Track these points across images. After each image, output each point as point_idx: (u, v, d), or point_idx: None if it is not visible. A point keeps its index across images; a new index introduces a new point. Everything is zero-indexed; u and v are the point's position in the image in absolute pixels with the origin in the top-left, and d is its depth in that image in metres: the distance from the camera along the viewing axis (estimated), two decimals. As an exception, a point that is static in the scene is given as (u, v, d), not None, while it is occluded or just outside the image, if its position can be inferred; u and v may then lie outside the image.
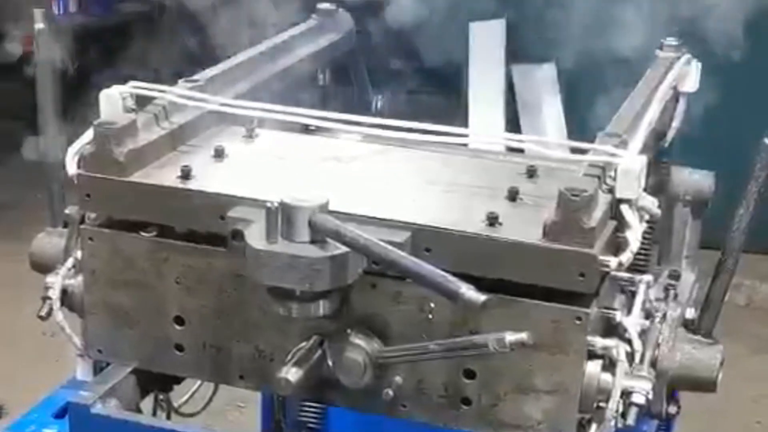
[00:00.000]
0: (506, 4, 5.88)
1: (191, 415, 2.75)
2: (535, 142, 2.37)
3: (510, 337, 2.00)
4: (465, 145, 2.59)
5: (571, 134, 5.78)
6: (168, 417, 2.62)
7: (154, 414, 2.55)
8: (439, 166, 2.42)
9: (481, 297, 1.86)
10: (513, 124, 6.16)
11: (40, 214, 2.63)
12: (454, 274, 1.95)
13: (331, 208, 2.06)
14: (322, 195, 2.06)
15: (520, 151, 2.49)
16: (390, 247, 1.97)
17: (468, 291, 1.86)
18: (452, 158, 2.46)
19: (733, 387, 5.12)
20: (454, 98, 5.93)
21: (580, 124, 2.34)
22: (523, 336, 1.99)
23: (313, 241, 2.02)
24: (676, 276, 2.65)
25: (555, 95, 6.21)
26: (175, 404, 2.69)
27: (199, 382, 2.70)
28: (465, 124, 5.66)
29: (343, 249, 2.01)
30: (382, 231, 2.08)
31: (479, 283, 1.97)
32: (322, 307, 2.09)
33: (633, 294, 2.27)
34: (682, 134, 2.85)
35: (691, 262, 2.93)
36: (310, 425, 3.48)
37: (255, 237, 2.04)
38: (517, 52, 6.08)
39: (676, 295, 2.41)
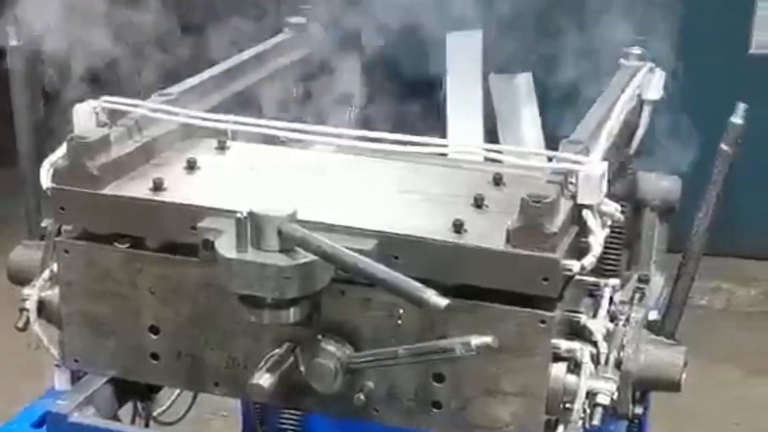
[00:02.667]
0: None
1: (170, 423, 2.79)
2: (502, 151, 2.42)
3: (475, 340, 2.05)
4: (444, 154, 2.63)
5: (550, 143, 5.83)
6: (146, 425, 2.65)
7: (133, 422, 2.59)
8: (409, 176, 2.47)
9: (444, 301, 1.91)
10: (492, 134, 6.21)
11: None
12: (422, 281, 2.00)
13: (300, 217, 2.11)
14: (290, 205, 2.10)
15: (498, 161, 2.53)
16: (355, 254, 2.02)
17: (432, 296, 1.91)
18: (422, 168, 2.51)
19: (712, 390, 5.21)
20: (432, 109, 5.98)
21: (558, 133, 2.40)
22: (488, 339, 2.04)
23: (282, 250, 2.07)
24: (645, 280, 2.71)
25: (532, 104, 6.27)
26: (156, 413, 2.73)
27: (177, 391, 2.74)
28: (443, 135, 5.71)
29: (312, 257, 2.06)
30: (350, 239, 2.13)
31: (446, 289, 2.02)
32: (292, 314, 2.14)
33: (599, 297, 2.33)
34: (649, 140, 2.90)
35: (659, 266, 2.98)
36: (289, 432, 3.51)
37: (225, 246, 2.09)
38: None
39: (641, 298, 2.47)
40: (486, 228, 2.19)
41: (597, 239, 2.18)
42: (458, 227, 2.16)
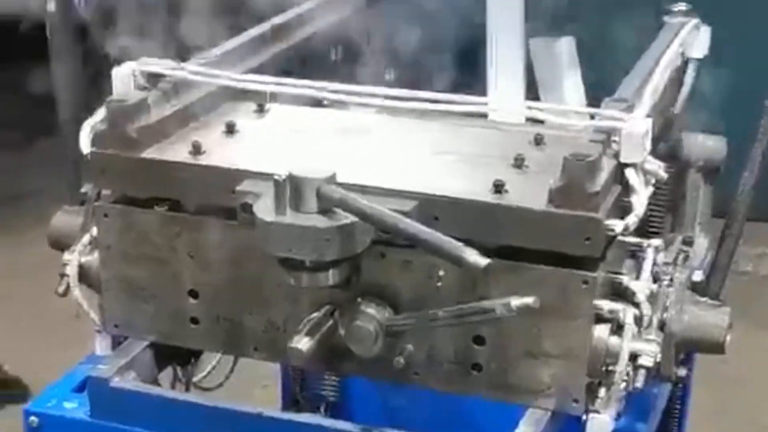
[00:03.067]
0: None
1: (210, 389, 2.78)
2: (542, 109, 2.38)
3: (516, 301, 2.02)
4: (485, 115, 2.60)
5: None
6: (187, 391, 2.65)
7: (173, 388, 2.59)
8: (449, 137, 2.44)
9: (484, 261, 1.89)
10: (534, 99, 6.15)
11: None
12: (462, 242, 1.98)
13: (339, 179, 2.09)
14: (329, 166, 2.09)
15: (538, 121, 2.50)
16: (395, 215, 2.00)
17: (472, 255, 1.89)
18: (462, 129, 2.48)
19: (757, 356, 5.16)
20: (472, 72, 5.92)
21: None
22: (528, 300, 2.02)
23: (321, 212, 2.06)
24: (689, 242, 2.68)
25: (575, 69, 6.20)
26: (196, 379, 2.73)
27: (218, 357, 2.73)
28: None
29: (351, 219, 2.04)
30: (390, 201, 2.11)
31: (487, 250, 2.00)
32: (331, 277, 2.12)
33: (642, 258, 2.30)
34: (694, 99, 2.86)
35: (704, 228, 2.95)
36: (330, 399, 3.51)
37: (264, 209, 2.07)
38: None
39: (685, 260, 2.43)
40: (527, 188, 2.16)
41: (640, 199, 2.15)
42: (499, 187, 2.14)
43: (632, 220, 2.12)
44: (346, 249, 2.06)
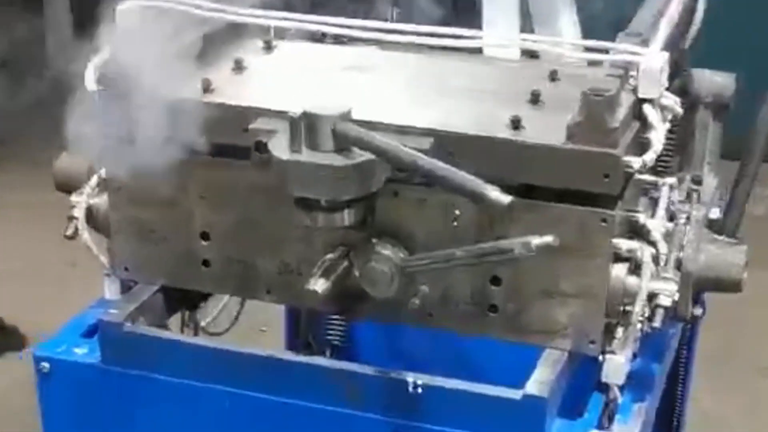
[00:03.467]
0: None
1: (218, 334, 2.76)
2: (552, 44, 2.34)
3: (535, 240, 1.99)
4: (480, 50, 2.55)
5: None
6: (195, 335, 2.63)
7: (182, 332, 2.56)
8: (460, 73, 2.40)
9: (507, 198, 1.85)
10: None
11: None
12: None
13: (353, 116, 2.05)
14: (344, 103, 2.04)
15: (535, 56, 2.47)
16: (414, 152, 1.96)
17: (493, 192, 1.86)
18: (473, 65, 2.44)
19: (765, 299, 5.13)
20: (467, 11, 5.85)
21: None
22: (548, 239, 1.99)
23: (337, 150, 2.02)
24: (698, 181, 2.64)
25: (570, 8, 6.12)
26: (203, 323, 2.69)
27: (224, 302, 2.70)
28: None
29: (368, 156, 2.00)
30: (405, 138, 2.07)
31: (504, 189, 1.96)
32: (347, 217, 2.08)
33: (655, 198, 2.28)
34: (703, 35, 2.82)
35: (713, 167, 2.91)
36: (335, 343, 3.49)
37: (279, 148, 2.03)
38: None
39: (699, 197, 2.41)
40: (544, 124, 2.13)
41: (658, 135, 2.12)
42: (516, 123, 2.10)
43: (650, 156, 2.09)
44: (362, 188, 2.03)
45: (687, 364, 3.17)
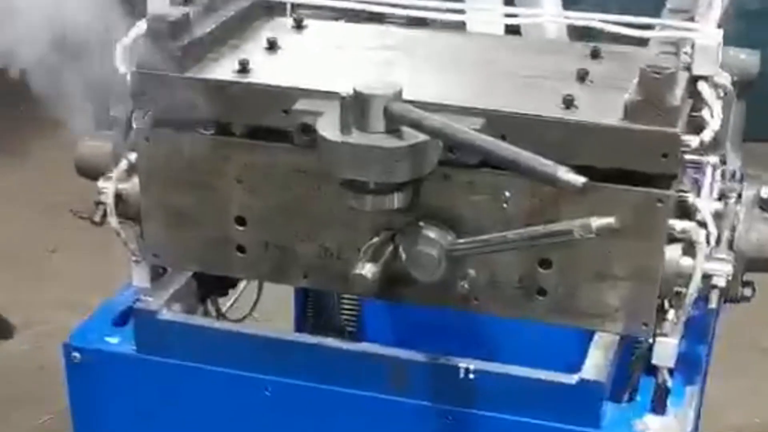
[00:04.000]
0: None
1: (240, 320, 2.68)
2: (599, 21, 2.28)
3: (596, 222, 1.94)
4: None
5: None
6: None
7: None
8: (500, 51, 2.34)
9: (580, 179, 1.79)
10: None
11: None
12: None
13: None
14: (394, 82, 1.98)
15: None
16: (478, 134, 1.90)
17: (567, 174, 1.79)
18: (511, 42, 2.39)
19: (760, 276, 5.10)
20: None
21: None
22: (610, 220, 1.93)
23: (387, 131, 1.95)
24: (723, 160, 2.60)
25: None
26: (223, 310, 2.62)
27: (242, 288, 2.63)
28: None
29: (421, 138, 1.94)
30: (455, 119, 2.00)
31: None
32: (396, 200, 2.02)
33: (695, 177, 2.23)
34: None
35: (735, 146, 2.87)
36: (348, 329, 3.42)
37: (328, 129, 1.96)
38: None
39: (742, 176, 2.36)
40: (595, 103, 2.07)
41: (715, 112, 2.08)
42: (569, 103, 2.05)
43: (708, 135, 2.05)
44: (416, 170, 1.96)
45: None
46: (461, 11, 2.34)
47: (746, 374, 4.50)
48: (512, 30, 2.51)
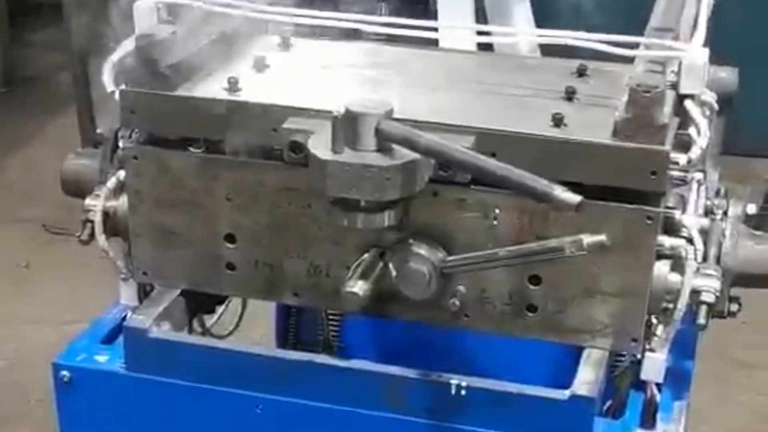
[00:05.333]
0: None
1: (222, 337, 2.68)
2: (580, 39, 2.29)
3: (587, 239, 1.95)
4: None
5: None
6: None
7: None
8: (486, 69, 2.36)
9: (576, 198, 1.80)
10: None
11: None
12: None
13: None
14: (385, 101, 1.99)
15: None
16: (471, 152, 1.91)
17: (563, 192, 1.81)
18: (496, 60, 2.40)
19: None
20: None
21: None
22: (602, 238, 1.95)
23: (379, 150, 1.96)
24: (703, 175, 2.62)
25: (523, 1, 6.13)
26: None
27: (226, 304, 2.62)
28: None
29: (412, 156, 1.95)
30: (446, 137, 2.01)
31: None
32: (387, 218, 2.03)
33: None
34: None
35: (714, 161, 2.90)
36: (329, 342, 3.42)
37: (319, 148, 1.97)
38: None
39: (726, 192, 2.38)
40: (583, 121, 2.09)
41: (702, 130, 2.10)
42: (558, 121, 2.06)
43: (696, 152, 2.07)
44: (407, 188, 1.97)
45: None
46: (434, 29, 2.35)
47: (716, 385, 4.54)
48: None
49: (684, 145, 2.11)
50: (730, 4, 3.05)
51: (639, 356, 2.16)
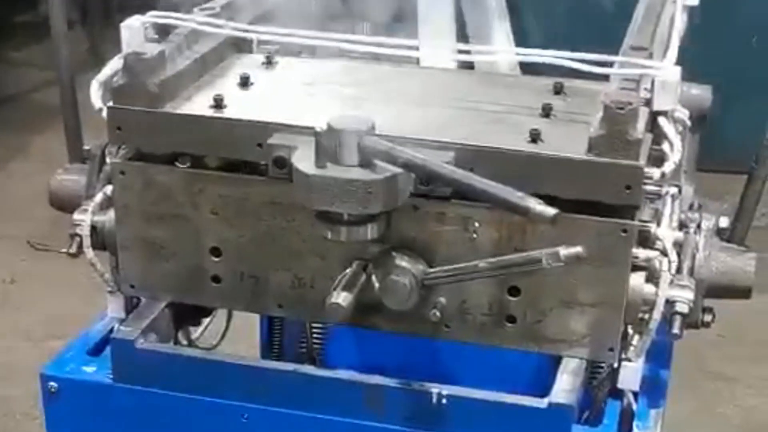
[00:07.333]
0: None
1: (209, 348, 2.72)
2: (554, 57, 2.35)
3: (564, 251, 2.01)
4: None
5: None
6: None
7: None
8: (466, 86, 2.42)
9: (552, 210, 1.86)
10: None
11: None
12: None
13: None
14: (367, 117, 2.04)
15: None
16: (450, 166, 1.97)
17: (538, 206, 1.86)
18: (476, 78, 2.46)
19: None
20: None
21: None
22: (578, 250, 2.00)
23: (362, 165, 2.01)
24: (678, 190, 2.68)
25: (504, 19, 6.20)
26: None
27: (212, 316, 2.67)
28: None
29: (394, 171, 2.00)
30: (427, 152, 2.07)
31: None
32: (370, 231, 2.08)
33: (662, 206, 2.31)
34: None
35: (689, 177, 2.96)
36: (313, 354, 3.46)
37: (303, 163, 2.02)
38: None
39: (700, 206, 2.44)
40: (560, 137, 2.15)
41: (675, 146, 2.15)
42: (535, 137, 2.12)
43: (669, 167, 2.13)
44: (389, 202, 2.03)
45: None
46: (415, 47, 2.40)
47: (692, 397, 4.60)
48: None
49: (658, 160, 2.17)
50: (707, 24, 3.11)
51: (616, 365, 2.21)
